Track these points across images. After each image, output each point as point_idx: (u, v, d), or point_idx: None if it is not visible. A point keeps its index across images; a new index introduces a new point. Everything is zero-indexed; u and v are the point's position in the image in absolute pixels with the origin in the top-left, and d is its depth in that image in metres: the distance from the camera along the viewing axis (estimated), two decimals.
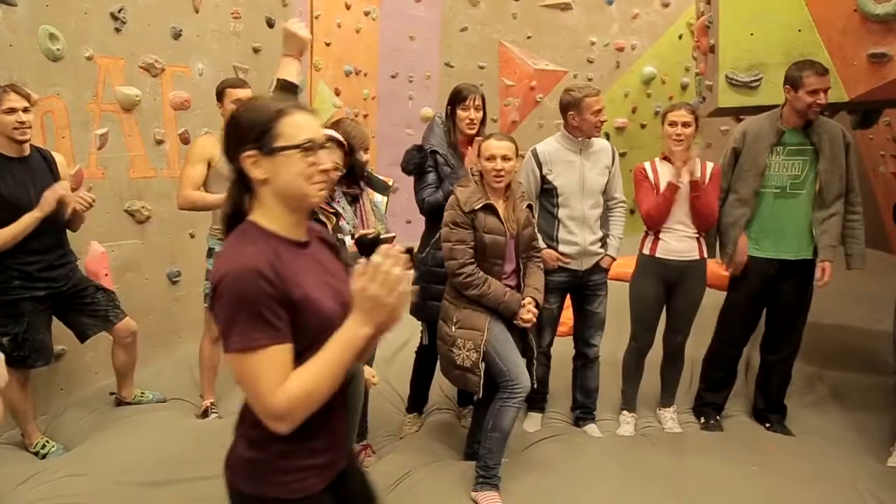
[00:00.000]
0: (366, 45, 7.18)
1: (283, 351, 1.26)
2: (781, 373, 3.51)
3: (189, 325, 4.22)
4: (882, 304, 4.09)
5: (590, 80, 7.88)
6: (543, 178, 3.20)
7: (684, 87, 8.15)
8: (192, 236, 4.38)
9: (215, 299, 1.25)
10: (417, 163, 3.16)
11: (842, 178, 3.18)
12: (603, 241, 3.30)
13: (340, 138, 2.49)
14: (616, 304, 3.56)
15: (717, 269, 3.53)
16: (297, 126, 1.33)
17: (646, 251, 3.34)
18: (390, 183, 2.99)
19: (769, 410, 3.54)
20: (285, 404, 1.24)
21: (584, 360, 3.47)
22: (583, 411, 3.54)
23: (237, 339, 1.23)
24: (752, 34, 3.52)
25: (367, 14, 7.11)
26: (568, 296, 3.40)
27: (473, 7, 8.13)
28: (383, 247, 1.24)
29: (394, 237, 1.93)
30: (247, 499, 1.38)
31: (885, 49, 3.09)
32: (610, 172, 3.27)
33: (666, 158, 3.26)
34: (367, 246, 2.00)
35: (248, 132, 1.33)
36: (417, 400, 3.53)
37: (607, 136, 6.92)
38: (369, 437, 3.25)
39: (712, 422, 3.54)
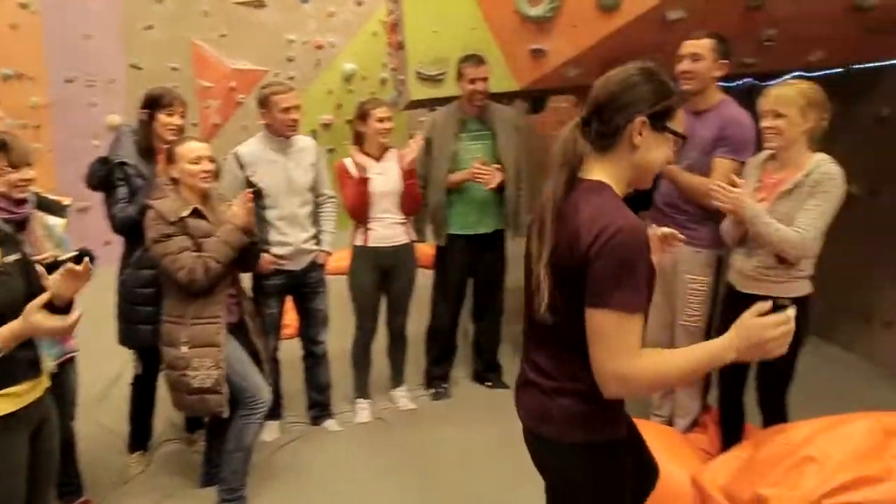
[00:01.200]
0: (26, 43, 6.21)
1: (643, 320, 1.32)
2: (492, 335, 3.91)
3: None
4: None
5: (291, 78, 7.80)
6: (248, 181, 3.08)
7: (383, 83, 8.52)
8: None
9: (603, 253, 1.28)
10: (102, 176, 2.83)
11: (518, 157, 3.60)
12: (316, 238, 3.30)
13: None
14: (338, 298, 3.60)
15: (427, 250, 3.80)
16: None
17: (358, 242, 3.42)
18: (66, 202, 2.63)
19: (487, 370, 3.94)
20: (631, 373, 1.30)
21: (314, 359, 3.46)
22: (319, 409, 3.53)
23: (622, 296, 1.28)
24: (435, 31, 3.79)
25: (24, 7, 6.14)
26: (288, 297, 3.34)
27: (158, 3, 7.51)
28: (789, 312, 1.27)
29: (78, 255, 1.68)
30: (583, 447, 1.46)
31: (542, 45, 3.55)
32: (315, 169, 3.27)
33: (364, 152, 3.36)
34: (48, 270, 1.73)
35: None
36: (140, 436, 3.19)
37: (314, 134, 6.94)
38: (88, 492, 2.84)
39: (440, 390, 3.83)
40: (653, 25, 3.23)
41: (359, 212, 3.35)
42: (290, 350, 3.50)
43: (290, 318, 3.47)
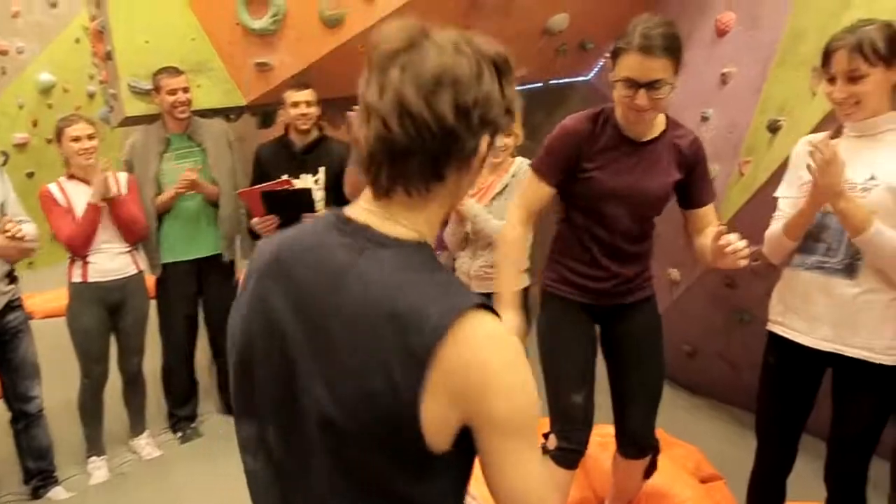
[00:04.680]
0: None
1: None
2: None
3: None
4: None
5: None
6: None
7: (91, 96, 7.61)
8: None
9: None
10: None
11: (231, 174, 3.40)
12: (11, 277, 2.81)
13: None
14: (52, 345, 3.17)
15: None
16: None
17: (76, 279, 3.02)
18: None
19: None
20: None
21: (27, 419, 2.93)
22: (41, 478, 3.01)
23: None
24: (146, 41, 3.48)
25: None
26: None
27: None
28: None
29: None
30: None
31: (268, 59, 3.46)
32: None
33: (74, 176, 3.00)
34: None
35: None
36: None
37: (4, 156, 6.00)
38: None
39: (188, 431, 3.53)
40: None
41: (85, 243, 2.96)
42: None
43: None
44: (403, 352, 0.79)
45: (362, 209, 0.90)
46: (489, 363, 0.80)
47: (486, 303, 0.84)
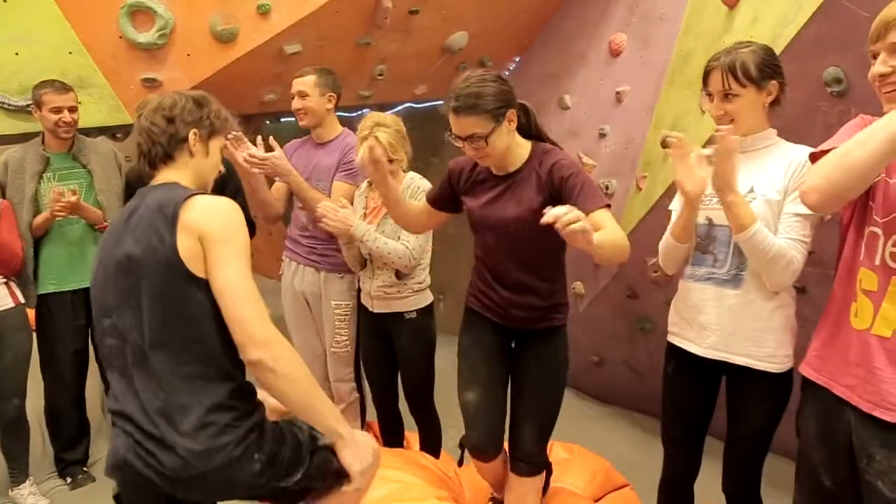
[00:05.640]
0: None
1: None
2: None
3: None
4: None
5: None
6: None
7: None
8: None
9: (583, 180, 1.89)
10: None
11: (119, 196, 3.18)
12: None
13: None
14: None
15: None
16: None
17: None
18: None
19: None
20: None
21: None
22: None
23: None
24: (17, 54, 3.21)
25: None
26: None
27: None
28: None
29: None
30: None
31: (156, 75, 3.27)
32: None
33: None
34: None
35: None
36: None
37: None
38: None
39: (80, 477, 3.23)
40: (270, 58, 3.24)
41: None
42: None
43: None
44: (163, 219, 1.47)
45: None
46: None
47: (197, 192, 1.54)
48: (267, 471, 1.46)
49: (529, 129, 2.06)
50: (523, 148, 2.02)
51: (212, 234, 1.44)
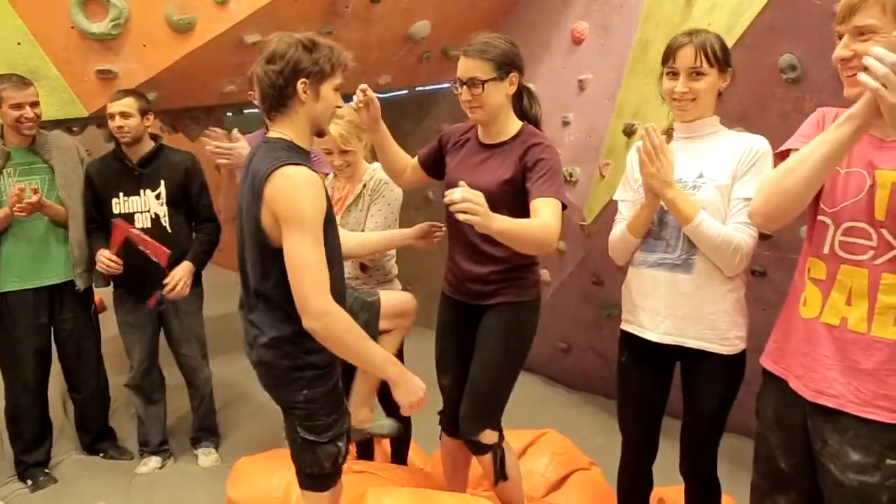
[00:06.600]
0: None
1: None
2: (97, 407, 3.38)
3: None
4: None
5: None
6: None
7: None
8: None
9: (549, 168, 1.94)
10: None
11: (81, 192, 3.08)
12: None
13: None
14: None
15: None
16: None
17: None
18: None
19: (99, 441, 3.40)
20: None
21: None
22: None
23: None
24: None
25: None
26: None
27: None
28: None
29: None
30: None
31: (111, 66, 3.19)
32: None
33: None
34: None
35: None
36: None
37: None
38: None
39: (41, 479, 3.14)
40: (230, 48, 3.18)
41: None
42: None
43: None
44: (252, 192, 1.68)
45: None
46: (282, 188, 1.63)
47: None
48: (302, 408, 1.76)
49: (527, 113, 2.12)
50: (514, 124, 2.06)
51: (278, 211, 1.62)
